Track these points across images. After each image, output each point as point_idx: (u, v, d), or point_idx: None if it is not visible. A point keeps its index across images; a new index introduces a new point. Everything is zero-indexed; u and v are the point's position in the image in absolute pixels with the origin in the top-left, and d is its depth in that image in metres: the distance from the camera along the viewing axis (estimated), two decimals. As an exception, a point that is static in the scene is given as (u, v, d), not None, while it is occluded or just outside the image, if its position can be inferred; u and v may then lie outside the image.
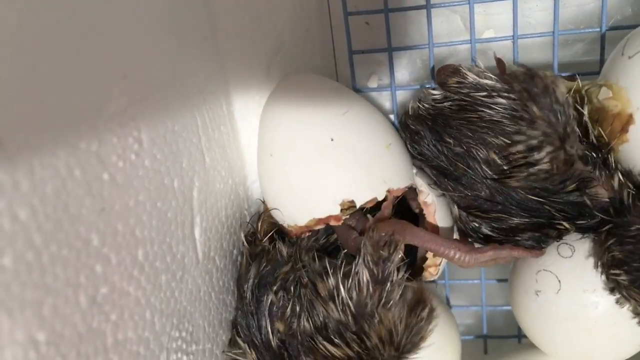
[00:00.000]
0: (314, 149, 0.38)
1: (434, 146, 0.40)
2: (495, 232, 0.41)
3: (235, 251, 0.40)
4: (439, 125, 0.40)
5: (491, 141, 0.37)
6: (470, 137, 0.38)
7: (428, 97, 0.41)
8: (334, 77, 0.52)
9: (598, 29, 0.44)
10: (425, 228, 0.42)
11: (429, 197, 0.42)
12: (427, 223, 0.42)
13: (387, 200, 0.39)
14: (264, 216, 0.41)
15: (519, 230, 0.40)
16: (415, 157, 0.42)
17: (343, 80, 0.51)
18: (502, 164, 0.37)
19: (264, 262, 0.38)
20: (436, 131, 0.40)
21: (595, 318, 0.39)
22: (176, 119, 0.32)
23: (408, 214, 0.44)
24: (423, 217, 0.42)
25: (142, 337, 0.27)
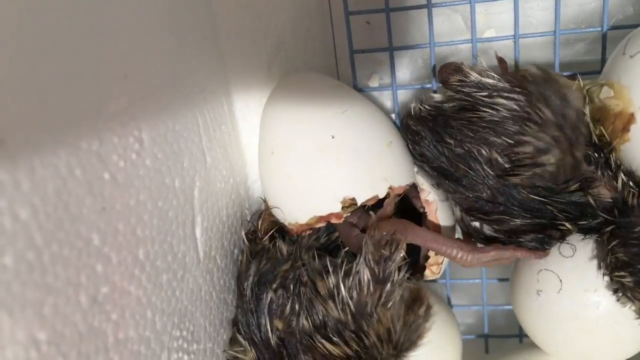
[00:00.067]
0: (314, 147, 0.38)
1: (434, 147, 0.40)
2: (498, 234, 0.40)
3: (236, 250, 0.40)
4: (440, 125, 0.40)
5: (493, 141, 0.37)
6: (472, 137, 0.38)
7: (429, 99, 0.41)
8: (335, 76, 0.52)
9: (599, 29, 0.44)
10: (427, 227, 0.42)
11: (430, 195, 0.41)
12: (428, 222, 0.42)
13: (389, 197, 0.39)
14: (265, 214, 0.41)
15: (521, 232, 0.39)
16: (416, 158, 0.42)
17: (344, 79, 0.51)
18: (504, 163, 0.37)
19: (264, 260, 0.38)
20: (437, 132, 0.40)
21: (597, 318, 0.39)
22: (177, 118, 0.32)
23: (411, 213, 0.44)
24: (425, 215, 0.42)
25: (143, 336, 0.27)
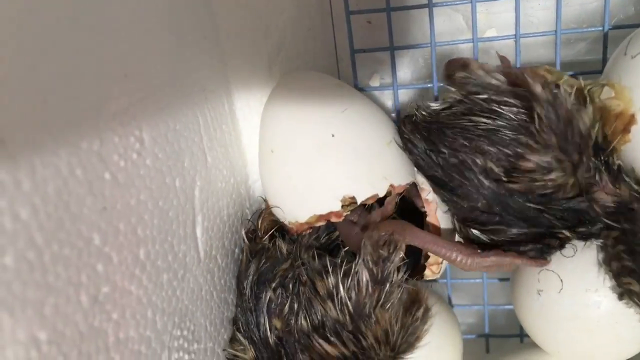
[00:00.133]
0: (314, 146, 0.38)
1: (428, 156, 0.39)
2: (495, 243, 0.39)
3: (236, 250, 0.40)
4: (434, 134, 0.39)
5: (488, 150, 0.36)
6: (467, 147, 0.37)
7: (426, 106, 0.40)
8: (336, 76, 0.52)
9: (601, 28, 0.44)
10: (427, 226, 0.42)
11: (430, 194, 0.41)
12: (428, 221, 0.42)
13: (390, 196, 0.39)
14: (265, 214, 0.41)
15: (519, 242, 0.39)
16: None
17: (345, 79, 0.51)
18: (500, 172, 0.36)
19: (264, 259, 0.38)
20: (431, 141, 0.39)
21: (597, 318, 0.39)
22: (178, 118, 0.32)
23: (411, 214, 0.43)
24: (426, 215, 0.42)
25: (144, 336, 0.27)
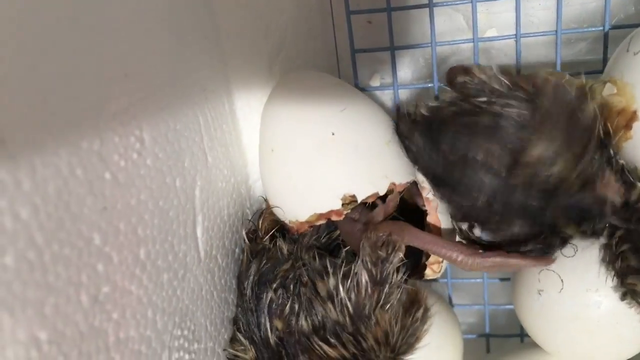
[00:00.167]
0: (314, 144, 0.38)
1: (427, 154, 0.39)
2: (497, 244, 0.39)
3: (237, 250, 0.40)
4: (434, 131, 0.38)
5: (489, 146, 0.35)
6: (468, 143, 0.36)
7: (425, 105, 0.40)
8: (336, 75, 0.51)
9: (601, 28, 0.44)
10: (428, 225, 0.41)
11: (430, 193, 0.41)
12: (429, 220, 0.42)
13: (393, 194, 0.39)
14: (266, 214, 0.41)
15: (520, 242, 0.38)
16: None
17: (345, 79, 0.50)
18: (501, 168, 0.35)
19: (265, 259, 0.38)
20: (430, 138, 0.38)
21: (598, 317, 0.39)
22: (178, 117, 0.32)
23: (411, 215, 0.43)
24: (426, 214, 0.42)
25: (144, 335, 0.27)
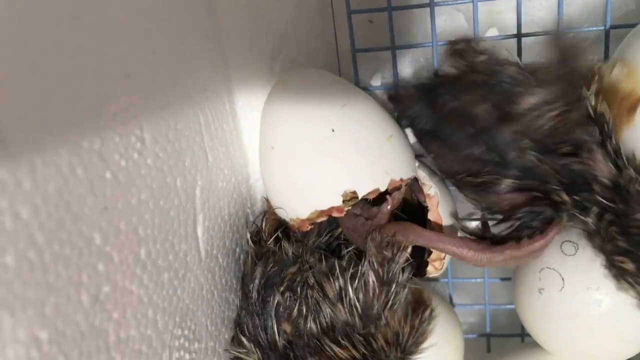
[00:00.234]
0: (315, 141, 0.38)
1: (424, 106, 0.39)
2: (488, 213, 0.38)
3: (238, 249, 0.40)
4: (432, 90, 0.39)
5: (488, 96, 0.36)
6: (465, 94, 0.36)
7: (424, 72, 0.40)
8: (337, 75, 0.52)
9: (602, 27, 0.44)
10: (429, 221, 0.41)
11: (432, 189, 0.41)
12: (430, 216, 0.41)
13: (399, 188, 0.39)
14: (268, 215, 0.41)
15: (512, 210, 0.37)
16: (401, 120, 0.41)
17: (346, 78, 0.50)
18: (498, 114, 0.35)
19: (271, 262, 0.37)
20: (428, 96, 0.38)
21: (599, 316, 0.39)
22: (179, 117, 0.32)
23: (411, 214, 0.43)
24: (428, 210, 0.42)
25: (145, 335, 0.28)
